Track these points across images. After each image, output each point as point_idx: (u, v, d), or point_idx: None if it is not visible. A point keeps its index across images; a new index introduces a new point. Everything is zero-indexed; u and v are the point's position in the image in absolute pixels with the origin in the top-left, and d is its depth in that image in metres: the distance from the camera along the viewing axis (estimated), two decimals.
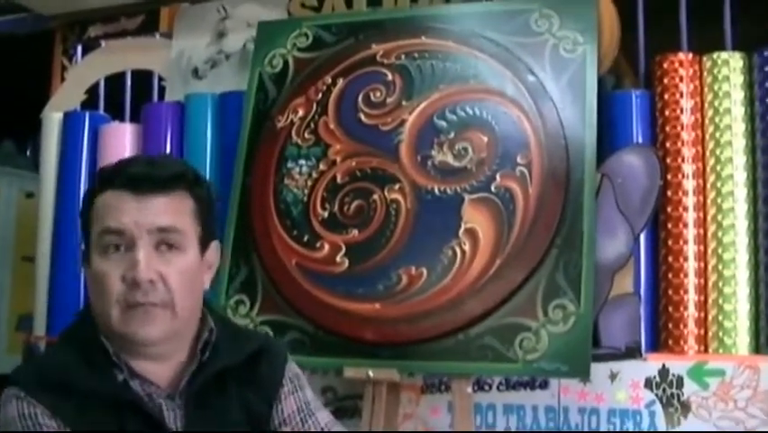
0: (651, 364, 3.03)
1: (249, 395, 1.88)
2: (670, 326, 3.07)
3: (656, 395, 3.00)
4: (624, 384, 3.04)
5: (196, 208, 1.85)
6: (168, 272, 1.77)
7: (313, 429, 1.93)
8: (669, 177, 3.11)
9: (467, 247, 2.92)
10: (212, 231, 1.92)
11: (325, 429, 1.96)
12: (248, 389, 1.89)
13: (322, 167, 3.18)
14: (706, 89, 3.16)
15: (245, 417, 1.87)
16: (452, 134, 3.06)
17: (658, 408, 3.00)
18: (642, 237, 3.12)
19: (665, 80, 3.18)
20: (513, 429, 3.13)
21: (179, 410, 1.79)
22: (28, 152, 6.73)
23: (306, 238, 3.12)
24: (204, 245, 1.87)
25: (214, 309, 1.98)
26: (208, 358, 1.85)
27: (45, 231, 3.99)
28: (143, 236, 1.76)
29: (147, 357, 1.80)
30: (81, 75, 4.31)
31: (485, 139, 3.03)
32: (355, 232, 3.07)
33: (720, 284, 3.06)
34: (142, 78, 4.16)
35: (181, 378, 1.82)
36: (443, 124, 3.08)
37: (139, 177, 1.79)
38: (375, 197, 3.08)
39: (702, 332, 3.06)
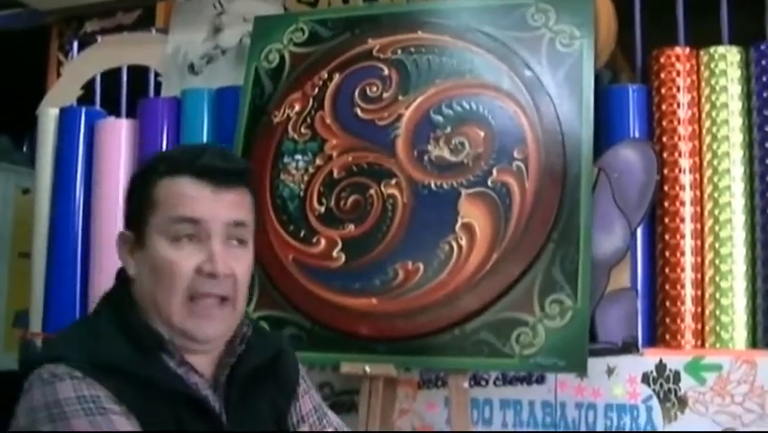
0: (648, 359, 3.03)
1: (273, 391, 1.90)
2: (667, 320, 3.07)
3: (653, 390, 3.00)
4: (621, 379, 3.04)
5: (254, 205, 1.86)
6: (237, 267, 1.77)
7: (329, 429, 1.97)
8: (666, 171, 3.11)
9: (464, 242, 2.92)
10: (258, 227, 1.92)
11: (339, 429, 1.99)
12: (272, 384, 1.90)
13: (318, 162, 3.18)
14: (703, 84, 3.15)
15: (271, 411, 1.89)
16: (448, 129, 3.06)
17: (655, 403, 3.00)
18: (639, 232, 3.12)
19: (662, 75, 3.18)
20: (510, 424, 3.13)
21: (220, 401, 1.78)
22: (24, 148, 6.72)
23: (302, 233, 3.12)
24: (254, 241, 1.87)
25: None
26: (244, 352, 1.85)
27: (41, 227, 3.98)
28: (219, 229, 1.75)
29: (195, 351, 1.79)
30: (77, 70, 4.30)
31: (481, 134, 3.02)
32: (352, 227, 3.06)
33: (717, 279, 3.06)
34: (139, 74, 4.16)
35: (220, 370, 1.82)
36: (440, 118, 3.08)
37: (216, 169, 1.77)
38: (371, 191, 3.07)
39: (699, 327, 3.06)
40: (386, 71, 3.21)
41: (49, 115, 4.04)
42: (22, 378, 1.66)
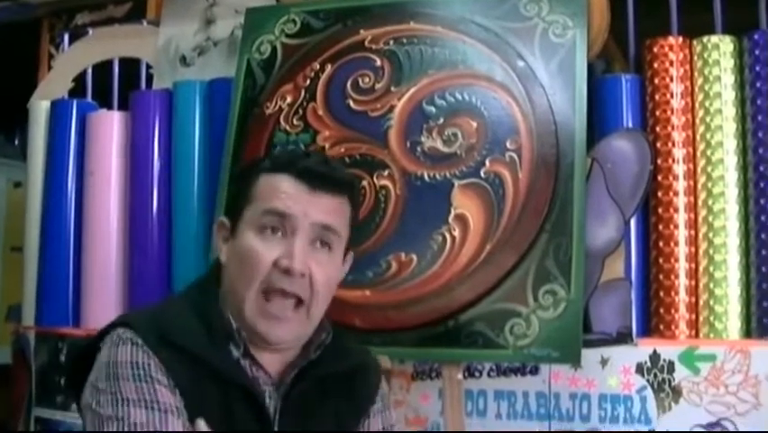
0: (642, 350, 3.02)
1: (342, 405, 1.92)
2: (661, 311, 3.06)
3: (647, 380, 3.00)
4: (615, 370, 3.03)
5: (352, 216, 1.91)
6: (316, 269, 1.82)
7: None
8: (659, 161, 3.10)
9: (457, 233, 2.91)
10: (352, 239, 1.97)
11: None
12: (343, 399, 1.92)
13: None
14: (696, 73, 3.14)
15: (336, 425, 1.89)
16: (441, 120, 3.05)
17: (649, 393, 2.99)
18: (632, 222, 3.11)
19: (655, 65, 3.16)
20: (504, 415, 3.12)
21: (279, 401, 1.82)
22: (16, 142, 6.72)
23: None
24: (346, 252, 1.93)
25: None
26: (316, 359, 1.87)
27: (33, 220, 3.96)
28: (306, 227, 1.81)
29: (265, 349, 1.84)
30: (68, 63, 4.28)
31: (474, 124, 3.02)
32: None
33: (711, 269, 3.05)
34: (130, 66, 4.14)
35: (288, 370, 1.85)
36: (432, 109, 3.07)
37: (317, 172, 1.84)
38: (364, 183, 3.06)
39: (693, 317, 3.05)
40: (378, 62, 3.20)
41: (40, 108, 4.02)
42: (98, 339, 1.80)
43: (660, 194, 3.10)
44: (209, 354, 1.77)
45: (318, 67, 3.29)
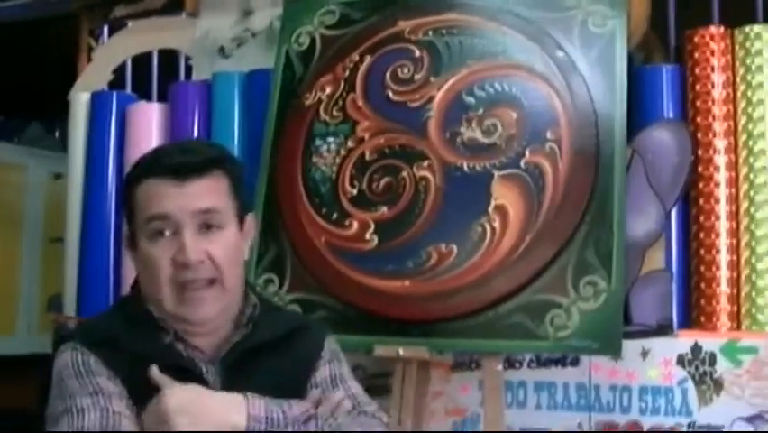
0: (683, 342, 3.01)
1: (285, 366, 1.97)
2: (702, 302, 3.05)
3: (688, 372, 2.99)
4: (655, 361, 3.02)
5: (231, 186, 1.95)
6: (213, 250, 1.88)
7: (341, 394, 1.98)
8: (700, 152, 3.09)
9: (497, 224, 2.90)
10: (247, 204, 2.04)
11: (356, 397, 2.01)
12: (284, 360, 1.98)
13: (350, 144, 3.17)
14: (737, 63, 3.12)
15: (278, 385, 1.92)
16: (480, 111, 3.04)
17: (690, 385, 2.98)
18: (673, 213, 3.10)
19: (696, 54, 3.14)
20: (544, 407, 3.12)
21: (218, 376, 1.90)
22: (56, 134, 6.76)
23: (334, 216, 3.12)
24: (241, 219, 1.97)
25: (254, 288, 2.09)
26: (250, 331, 1.95)
27: (74, 212, 4.00)
28: (187, 220, 1.86)
29: (197, 334, 1.92)
30: (108, 55, 4.31)
31: (514, 115, 3.00)
32: (384, 209, 3.06)
33: (753, 260, 3.03)
34: (169, 58, 4.16)
35: (223, 346, 1.93)
36: (472, 100, 3.06)
37: (176, 165, 1.89)
38: (404, 174, 3.06)
39: (735, 309, 3.04)
40: (417, 53, 3.20)
41: (80, 100, 4.05)
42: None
43: (701, 185, 3.08)
44: (139, 343, 1.87)
45: (357, 58, 3.29)
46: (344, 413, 1.94)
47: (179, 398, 1.77)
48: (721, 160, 3.07)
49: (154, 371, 1.80)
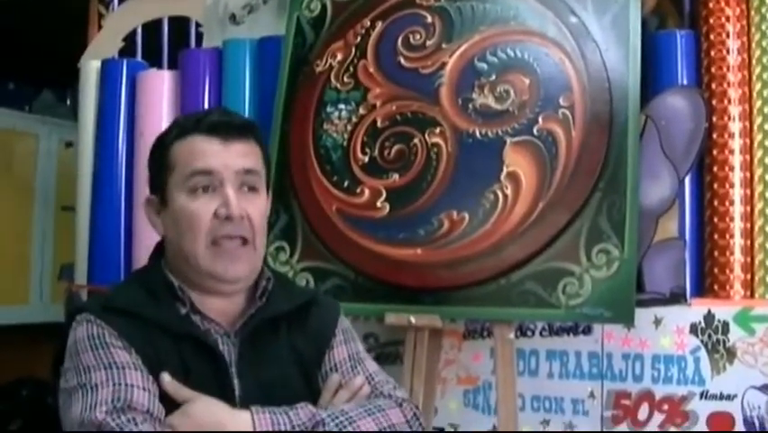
0: (696, 310, 3.00)
1: (298, 339, 2.01)
2: (715, 271, 3.04)
3: (701, 341, 2.98)
4: (668, 330, 3.01)
5: (263, 155, 2.03)
6: (251, 210, 1.94)
7: (361, 375, 2.03)
8: (714, 119, 3.06)
9: (509, 191, 2.89)
10: (271, 177, 2.09)
11: (373, 377, 2.05)
12: (298, 333, 2.01)
13: (361, 111, 3.16)
14: (753, 29, 3.09)
15: (294, 357, 1.98)
16: (493, 77, 3.02)
17: (703, 354, 2.97)
18: (687, 181, 3.08)
19: (711, 20, 3.12)
20: (556, 375, 3.11)
21: (234, 347, 1.92)
22: (67, 102, 6.76)
23: (346, 183, 3.11)
24: (268, 190, 2.04)
25: (268, 264, 2.11)
26: (264, 304, 1.98)
27: (85, 180, 4.01)
28: (231, 177, 1.92)
29: (215, 293, 1.95)
30: (118, 23, 4.29)
31: (527, 81, 2.98)
32: (396, 176, 3.05)
33: (767, 229, 3.01)
34: (180, 25, 4.14)
35: (238, 319, 1.96)
36: (484, 66, 3.04)
37: (221, 124, 1.95)
38: (416, 141, 3.05)
39: (749, 277, 3.02)
40: (429, 19, 3.17)
41: (90, 68, 4.05)
42: (68, 327, 1.91)
43: (715, 152, 3.06)
44: (155, 312, 1.89)
45: (368, 24, 3.27)
46: (363, 398, 1.98)
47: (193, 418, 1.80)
48: (736, 127, 3.05)
49: (166, 378, 1.81)
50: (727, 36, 3.09)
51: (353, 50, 3.26)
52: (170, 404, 1.80)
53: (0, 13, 5.22)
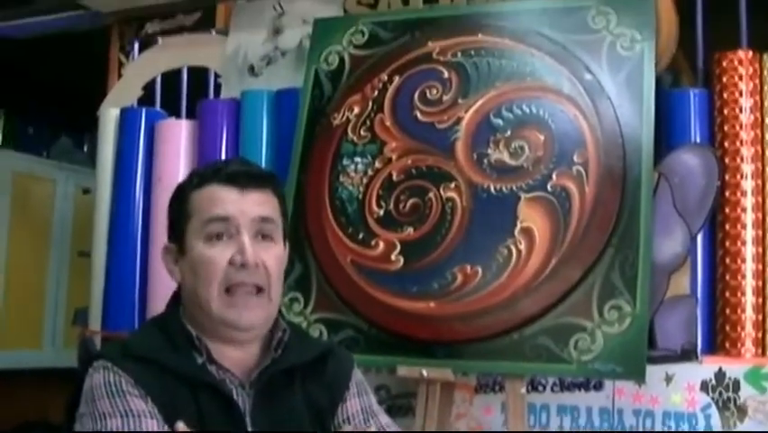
0: (707, 367, 3.00)
1: (314, 390, 2.00)
2: (727, 328, 3.04)
3: (712, 398, 2.97)
4: (679, 387, 3.01)
5: (281, 206, 2.03)
6: (267, 259, 1.94)
7: (374, 429, 2.03)
8: (727, 177, 3.08)
9: (522, 246, 2.90)
10: (287, 228, 2.09)
11: (386, 429, 2.05)
12: (313, 384, 2.01)
13: (377, 164, 3.18)
14: (766, 87, 3.12)
15: (308, 409, 1.98)
16: (508, 132, 3.05)
17: (714, 411, 2.97)
18: (699, 238, 3.10)
19: (724, 78, 3.14)
20: (567, 429, 3.11)
21: (248, 398, 1.92)
22: (85, 148, 6.82)
23: (361, 236, 3.13)
24: (285, 240, 2.03)
25: (283, 314, 2.10)
26: (280, 355, 1.98)
27: (101, 226, 4.03)
28: (247, 224, 1.93)
29: (230, 342, 1.95)
30: (138, 71, 4.34)
31: (541, 137, 3.01)
32: (410, 230, 3.07)
33: None
34: (199, 75, 4.19)
35: (253, 370, 1.95)
36: (500, 122, 3.07)
37: (240, 173, 1.97)
38: (431, 195, 3.07)
39: (760, 335, 3.02)
40: (446, 74, 3.21)
41: (109, 116, 4.08)
42: (83, 373, 1.91)
43: (727, 210, 3.08)
44: (173, 361, 1.89)
45: (386, 78, 3.30)
46: None
47: None
48: (748, 185, 3.07)
49: (181, 427, 1.80)
50: (740, 94, 3.12)
51: (370, 103, 3.29)
52: None
53: (20, 59, 5.29)
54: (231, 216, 1.92)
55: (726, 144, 3.11)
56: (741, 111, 3.11)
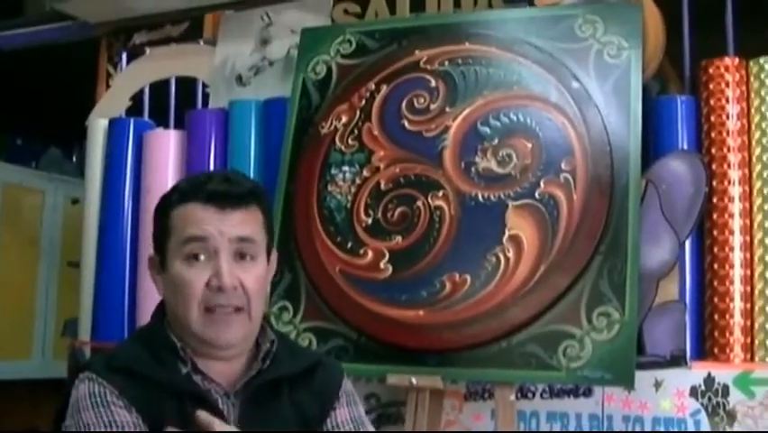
0: (696, 373, 3.00)
1: (303, 399, 2.01)
2: (715, 334, 3.05)
3: (701, 404, 2.98)
4: (668, 393, 3.01)
5: (265, 221, 2.02)
6: (245, 279, 1.93)
7: None
8: (714, 183, 3.09)
9: (511, 254, 2.91)
10: (274, 240, 2.09)
11: None
12: (302, 394, 2.01)
13: (365, 173, 3.19)
14: (752, 94, 3.13)
15: (297, 418, 1.98)
16: (495, 141, 3.06)
17: (703, 417, 2.97)
18: (687, 244, 3.10)
19: (711, 85, 3.15)
20: None
21: (234, 408, 1.93)
22: (74, 159, 6.81)
23: (349, 245, 3.13)
24: (269, 254, 2.03)
25: (271, 324, 2.12)
26: (268, 366, 1.98)
27: (90, 236, 4.02)
28: (225, 245, 1.92)
29: (215, 358, 1.95)
30: (126, 82, 4.34)
31: (529, 145, 3.02)
32: (399, 238, 3.07)
33: (767, 292, 3.02)
34: (187, 85, 4.19)
35: (239, 381, 1.96)
36: (487, 130, 3.08)
37: (219, 193, 1.94)
38: (419, 203, 3.08)
39: (748, 340, 3.03)
40: (433, 83, 3.22)
41: (98, 126, 4.08)
42: (72, 384, 1.93)
43: (715, 216, 3.08)
44: (158, 372, 1.90)
45: (373, 87, 3.31)
46: None
47: None
48: (735, 191, 3.08)
49: (202, 414, 1.82)
50: (727, 101, 3.13)
51: (358, 112, 3.29)
52: None
53: (9, 70, 5.28)
54: (209, 237, 1.91)
55: (713, 151, 3.11)
56: (728, 118, 3.12)
